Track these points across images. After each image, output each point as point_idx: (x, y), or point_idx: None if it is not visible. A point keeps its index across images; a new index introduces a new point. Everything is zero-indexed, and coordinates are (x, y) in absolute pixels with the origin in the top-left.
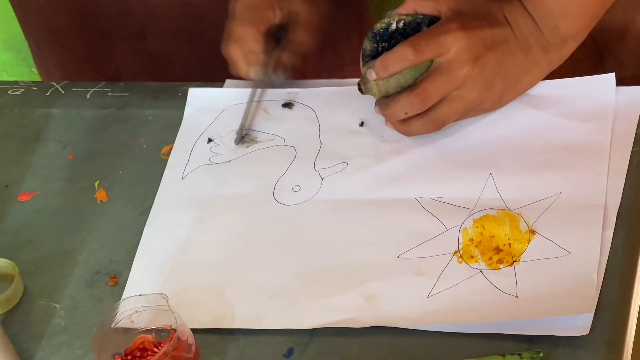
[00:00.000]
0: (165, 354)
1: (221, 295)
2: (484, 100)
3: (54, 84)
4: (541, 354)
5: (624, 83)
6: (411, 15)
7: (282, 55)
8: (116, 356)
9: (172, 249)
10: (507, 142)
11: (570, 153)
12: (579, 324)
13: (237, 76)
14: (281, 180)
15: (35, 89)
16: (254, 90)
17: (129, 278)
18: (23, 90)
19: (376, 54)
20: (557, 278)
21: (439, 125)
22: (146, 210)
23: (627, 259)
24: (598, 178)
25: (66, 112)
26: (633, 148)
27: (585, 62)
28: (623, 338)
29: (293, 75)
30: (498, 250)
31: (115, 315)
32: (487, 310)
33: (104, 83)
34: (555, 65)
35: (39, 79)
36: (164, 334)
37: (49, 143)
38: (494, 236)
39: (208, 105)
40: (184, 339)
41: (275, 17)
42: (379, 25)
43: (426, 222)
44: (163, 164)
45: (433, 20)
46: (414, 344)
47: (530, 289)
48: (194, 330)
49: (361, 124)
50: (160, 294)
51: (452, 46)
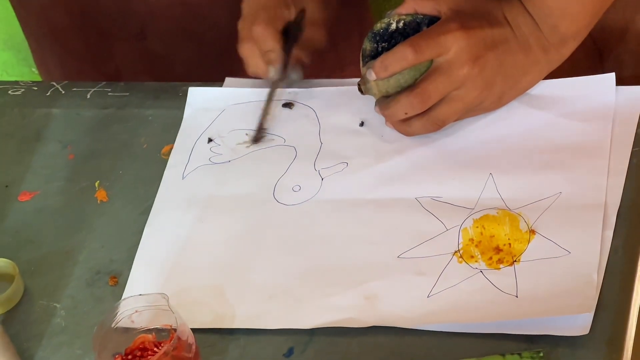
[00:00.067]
0: (165, 353)
1: (221, 295)
2: (484, 100)
3: (54, 83)
4: (541, 354)
5: (624, 83)
6: (411, 15)
7: (296, 51)
8: (116, 356)
9: (173, 249)
10: (507, 142)
11: (570, 153)
12: (579, 323)
13: (254, 76)
14: (281, 180)
15: (35, 88)
16: (271, 88)
17: (129, 278)
18: (23, 90)
19: (376, 54)
20: (557, 278)
21: (439, 125)
22: (146, 210)
23: (627, 259)
24: (598, 178)
25: (66, 112)
26: (633, 148)
27: (585, 62)
28: (623, 338)
29: (304, 74)
30: (498, 250)
31: (115, 315)
32: (487, 310)
33: (104, 83)
34: (555, 65)
35: (39, 78)
36: (164, 333)
37: (50, 143)
38: (494, 236)
39: (208, 105)
40: (184, 338)
41: (291, 14)
42: (379, 25)
43: (426, 222)
44: (163, 163)
45: (433, 20)
46: (414, 343)
47: (530, 289)
48: (194, 330)
49: (361, 124)
50: (160, 293)
51: (452, 46)
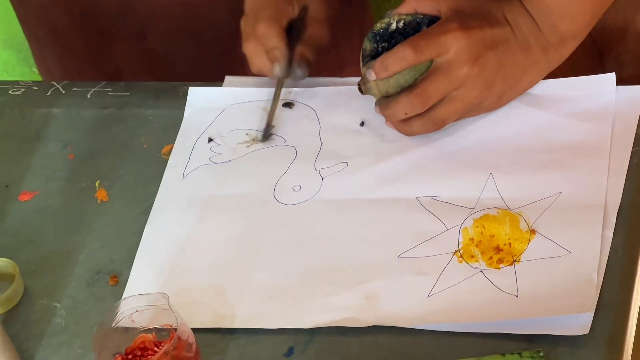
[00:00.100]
0: (165, 353)
1: (222, 295)
2: (484, 100)
3: (55, 83)
4: (541, 353)
5: (624, 83)
6: (411, 15)
7: (300, 48)
8: (117, 355)
9: (173, 249)
10: (507, 142)
11: (570, 152)
12: (579, 323)
13: (258, 74)
14: (282, 180)
15: (35, 88)
16: (277, 87)
17: (129, 277)
18: (24, 89)
19: (376, 54)
20: (557, 277)
21: (439, 125)
22: (147, 209)
23: (627, 258)
24: (598, 178)
25: (67, 112)
26: (633, 148)
27: (585, 62)
28: (623, 337)
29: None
30: (498, 249)
31: (115, 314)
32: (488, 309)
33: (104, 83)
34: (555, 64)
35: (40, 78)
36: (164, 333)
37: (50, 143)
38: (494, 236)
39: (208, 105)
40: (184, 338)
41: (295, 12)
42: (379, 25)
43: (426, 222)
44: (163, 163)
45: (433, 20)
46: (414, 343)
47: (530, 289)
48: (194, 330)
49: (362, 124)
50: (160, 293)
51: (452, 46)
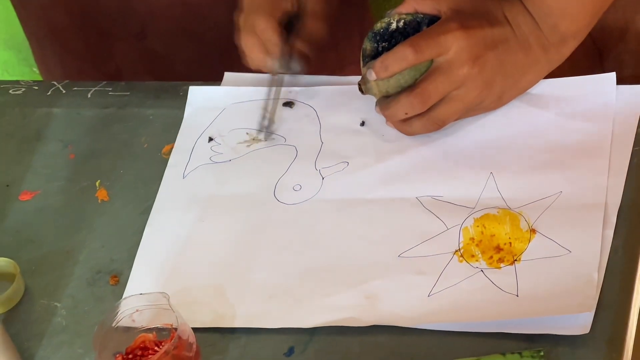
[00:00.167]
0: (166, 352)
1: (222, 294)
2: (484, 99)
3: (55, 83)
4: (541, 353)
5: (624, 83)
6: (411, 14)
7: (297, 43)
8: (117, 355)
9: (173, 248)
10: (508, 141)
11: (570, 152)
12: (580, 322)
13: (253, 68)
14: (282, 180)
15: (36, 88)
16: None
17: (129, 277)
18: (24, 89)
19: (376, 54)
20: (558, 277)
21: (440, 125)
22: (147, 209)
23: (627, 258)
24: (598, 177)
25: (67, 112)
26: (633, 147)
27: (585, 62)
28: (623, 337)
29: (308, 67)
30: (499, 249)
31: (116, 314)
32: (488, 309)
33: (104, 82)
34: (555, 64)
35: (40, 78)
36: (165, 332)
37: (50, 142)
38: (494, 235)
39: (209, 104)
40: (184, 337)
41: (292, 6)
42: (379, 25)
43: (427, 221)
44: (164, 163)
45: (433, 20)
46: (414, 343)
47: (530, 288)
48: (194, 329)
49: (362, 124)
50: (161, 292)
51: (452, 46)
